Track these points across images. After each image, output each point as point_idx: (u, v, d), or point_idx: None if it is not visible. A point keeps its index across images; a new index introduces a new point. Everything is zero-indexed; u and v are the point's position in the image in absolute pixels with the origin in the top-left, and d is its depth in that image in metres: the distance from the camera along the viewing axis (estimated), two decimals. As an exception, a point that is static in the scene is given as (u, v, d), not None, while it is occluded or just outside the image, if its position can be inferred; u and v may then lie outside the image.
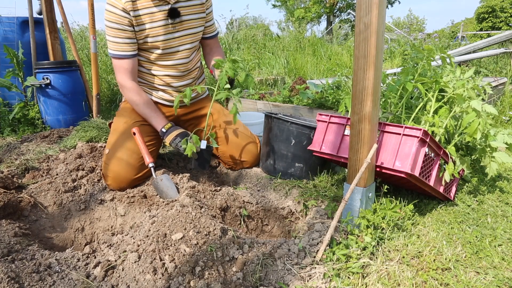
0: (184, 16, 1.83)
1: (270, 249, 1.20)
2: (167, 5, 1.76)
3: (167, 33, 1.80)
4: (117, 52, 1.78)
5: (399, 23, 25.12)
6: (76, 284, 1.08)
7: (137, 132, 1.78)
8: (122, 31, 1.73)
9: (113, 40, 1.75)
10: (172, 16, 1.78)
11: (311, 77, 5.72)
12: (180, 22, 1.82)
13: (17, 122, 2.97)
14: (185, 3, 1.81)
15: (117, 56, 1.78)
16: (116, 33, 1.73)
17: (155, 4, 1.73)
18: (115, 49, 1.77)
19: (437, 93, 1.60)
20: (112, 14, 1.70)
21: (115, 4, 1.69)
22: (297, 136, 1.79)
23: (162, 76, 1.90)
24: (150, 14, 1.74)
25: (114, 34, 1.74)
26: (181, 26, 1.84)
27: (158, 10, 1.74)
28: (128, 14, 1.70)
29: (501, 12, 23.03)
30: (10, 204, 1.53)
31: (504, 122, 3.00)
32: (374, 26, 1.16)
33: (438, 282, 1.10)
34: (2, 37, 3.06)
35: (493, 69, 5.13)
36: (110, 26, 1.73)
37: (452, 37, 15.02)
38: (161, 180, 1.65)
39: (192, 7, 1.85)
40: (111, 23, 1.71)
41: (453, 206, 1.57)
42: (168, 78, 1.91)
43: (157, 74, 1.90)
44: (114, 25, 1.72)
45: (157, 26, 1.77)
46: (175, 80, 1.93)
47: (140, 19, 1.73)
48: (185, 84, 1.98)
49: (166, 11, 1.76)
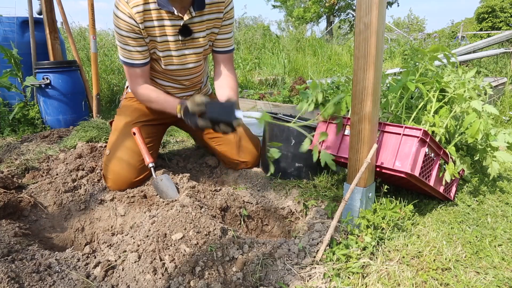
0: (195, 33, 1.68)
1: (270, 249, 1.20)
2: (180, 20, 1.61)
3: (177, 49, 1.69)
4: (128, 61, 1.65)
5: (399, 23, 25.13)
6: (76, 284, 1.08)
7: (137, 132, 1.78)
8: (132, 39, 1.59)
9: (124, 48, 1.62)
10: (184, 34, 1.65)
11: (311, 77, 5.73)
12: (190, 40, 1.69)
13: (17, 122, 2.97)
14: (200, 18, 1.65)
15: (129, 64, 1.66)
16: (126, 40, 1.59)
17: (169, 17, 1.59)
18: (126, 56, 1.65)
19: (438, 93, 1.60)
20: (120, 20, 1.54)
21: (124, 10, 1.52)
22: (297, 136, 1.79)
23: (165, 86, 1.86)
24: (161, 27, 1.60)
25: (124, 42, 1.60)
26: (192, 43, 1.71)
27: (170, 24, 1.61)
28: (138, 24, 1.55)
29: (501, 12, 23.03)
30: (10, 204, 1.53)
31: (504, 122, 3.00)
32: (374, 26, 1.16)
33: (438, 282, 1.10)
34: (2, 37, 3.05)
35: (493, 69, 5.13)
36: (119, 33, 1.58)
37: (452, 37, 15.02)
38: (161, 180, 1.65)
39: (206, 22, 1.68)
40: (121, 30, 1.57)
41: (453, 206, 1.57)
42: (171, 89, 1.87)
43: (160, 83, 1.85)
44: (123, 32, 1.57)
45: (168, 40, 1.65)
46: (178, 91, 1.90)
47: (150, 31, 1.60)
48: (188, 95, 1.94)
49: (178, 27, 1.62)
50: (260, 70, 6.03)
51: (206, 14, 1.66)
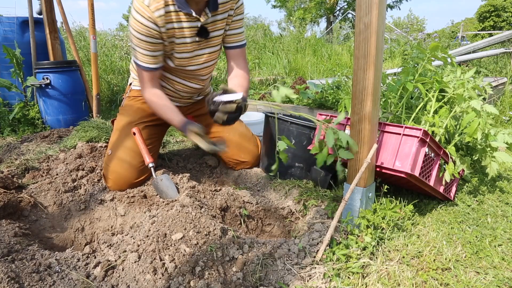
0: (211, 33, 1.69)
1: (270, 249, 1.20)
2: (197, 22, 1.61)
3: (193, 50, 1.70)
4: (143, 64, 1.64)
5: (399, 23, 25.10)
6: (76, 284, 1.08)
7: (137, 132, 1.78)
8: (151, 44, 1.58)
9: (140, 51, 1.61)
10: (201, 35, 1.65)
11: (311, 77, 5.73)
12: (206, 40, 1.70)
13: (17, 122, 2.97)
14: (213, 18, 1.66)
15: (143, 67, 1.66)
16: (144, 45, 1.58)
17: (187, 19, 1.59)
18: (141, 59, 1.63)
19: (437, 93, 1.60)
20: (140, 24, 1.52)
21: (144, 14, 1.50)
22: (297, 136, 1.79)
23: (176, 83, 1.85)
24: (180, 29, 1.61)
25: (141, 46, 1.59)
26: (206, 44, 1.72)
27: (188, 26, 1.61)
28: (158, 28, 1.54)
29: (502, 12, 22.98)
30: (10, 204, 1.53)
31: (504, 122, 3.00)
32: (374, 26, 1.16)
33: (438, 282, 1.10)
34: (2, 37, 3.05)
35: (493, 69, 5.13)
36: (137, 37, 1.56)
37: (452, 37, 15.02)
38: (161, 180, 1.65)
39: (220, 21, 1.69)
40: (139, 33, 1.54)
41: (453, 206, 1.57)
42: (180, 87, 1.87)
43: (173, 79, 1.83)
44: (142, 37, 1.55)
45: (186, 42, 1.65)
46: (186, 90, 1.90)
47: (170, 33, 1.60)
48: (194, 94, 1.97)
49: (196, 28, 1.63)
50: (260, 70, 6.03)
51: (219, 13, 1.67)
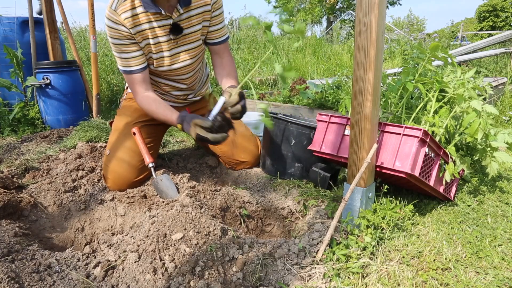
0: (186, 29, 1.67)
1: (270, 249, 1.20)
2: (169, 19, 1.61)
3: (170, 49, 1.69)
4: (127, 69, 1.66)
5: (399, 23, 25.12)
6: (76, 284, 1.08)
7: (137, 132, 1.78)
8: (126, 46, 1.61)
9: (120, 56, 1.64)
10: (175, 32, 1.64)
11: (311, 77, 5.73)
12: (182, 37, 1.69)
13: (17, 122, 2.97)
14: (187, 14, 1.65)
15: (127, 72, 1.67)
16: (120, 48, 1.61)
17: (157, 18, 1.59)
18: (124, 65, 1.65)
19: (437, 93, 1.60)
20: (111, 29, 1.56)
21: (112, 18, 1.54)
22: (297, 136, 1.79)
23: (162, 84, 1.84)
24: (152, 29, 1.61)
25: (119, 50, 1.62)
26: (184, 41, 1.71)
27: (160, 25, 1.60)
28: (128, 30, 1.57)
29: (501, 12, 22.99)
30: (10, 204, 1.53)
31: (504, 122, 3.00)
32: (374, 26, 1.16)
33: (438, 282, 1.10)
34: (2, 37, 3.06)
35: (493, 69, 5.13)
36: (113, 43, 1.60)
37: (452, 37, 15.02)
38: (161, 180, 1.65)
39: (195, 16, 1.67)
40: (114, 39, 1.59)
41: (453, 206, 1.57)
42: (168, 88, 1.86)
43: (159, 81, 1.83)
44: (116, 41, 1.59)
45: (160, 42, 1.65)
46: (175, 90, 1.89)
47: (142, 35, 1.61)
48: (186, 94, 1.94)
49: (168, 26, 1.62)
50: (260, 70, 6.02)
51: (193, 9, 1.66)
